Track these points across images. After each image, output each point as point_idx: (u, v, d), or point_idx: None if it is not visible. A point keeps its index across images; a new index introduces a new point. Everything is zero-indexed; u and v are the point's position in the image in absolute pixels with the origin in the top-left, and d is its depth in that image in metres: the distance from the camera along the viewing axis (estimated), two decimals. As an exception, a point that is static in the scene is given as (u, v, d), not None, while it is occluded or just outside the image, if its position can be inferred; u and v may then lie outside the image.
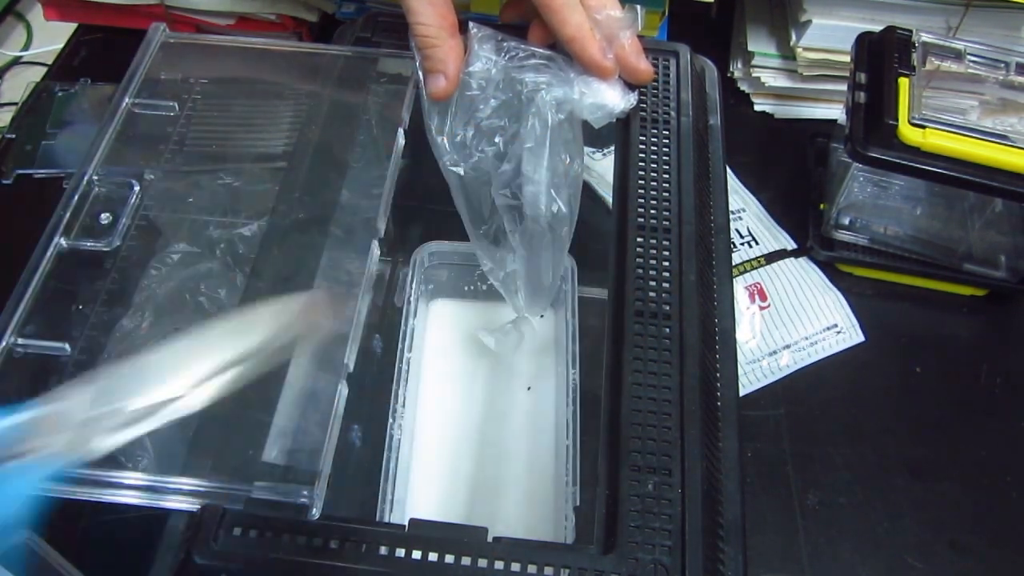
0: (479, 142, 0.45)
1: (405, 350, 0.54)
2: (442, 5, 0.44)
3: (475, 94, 0.44)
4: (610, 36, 0.45)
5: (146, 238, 0.44)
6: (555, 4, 0.43)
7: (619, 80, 0.46)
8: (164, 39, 0.50)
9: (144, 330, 0.42)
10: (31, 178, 0.67)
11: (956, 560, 0.52)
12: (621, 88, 0.46)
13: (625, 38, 0.45)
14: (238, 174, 0.47)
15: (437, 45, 0.43)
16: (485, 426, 0.55)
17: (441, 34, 0.43)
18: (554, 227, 0.47)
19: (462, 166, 0.45)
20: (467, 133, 0.45)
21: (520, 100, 0.44)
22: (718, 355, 0.42)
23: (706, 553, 0.34)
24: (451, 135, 0.45)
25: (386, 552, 0.34)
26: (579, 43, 0.44)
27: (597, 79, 0.45)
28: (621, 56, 0.45)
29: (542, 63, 0.44)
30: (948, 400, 0.59)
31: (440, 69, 0.43)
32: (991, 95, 0.59)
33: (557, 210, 0.46)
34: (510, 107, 0.44)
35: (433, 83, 0.44)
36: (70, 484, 0.36)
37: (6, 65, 1.40)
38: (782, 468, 0.55)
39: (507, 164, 0.45)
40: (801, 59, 0.70)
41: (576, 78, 0.44)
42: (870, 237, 0.64)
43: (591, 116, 0.45)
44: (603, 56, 0.44)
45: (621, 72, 0.46)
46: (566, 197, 0.46)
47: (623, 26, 0.45)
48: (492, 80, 0.44)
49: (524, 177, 0.45)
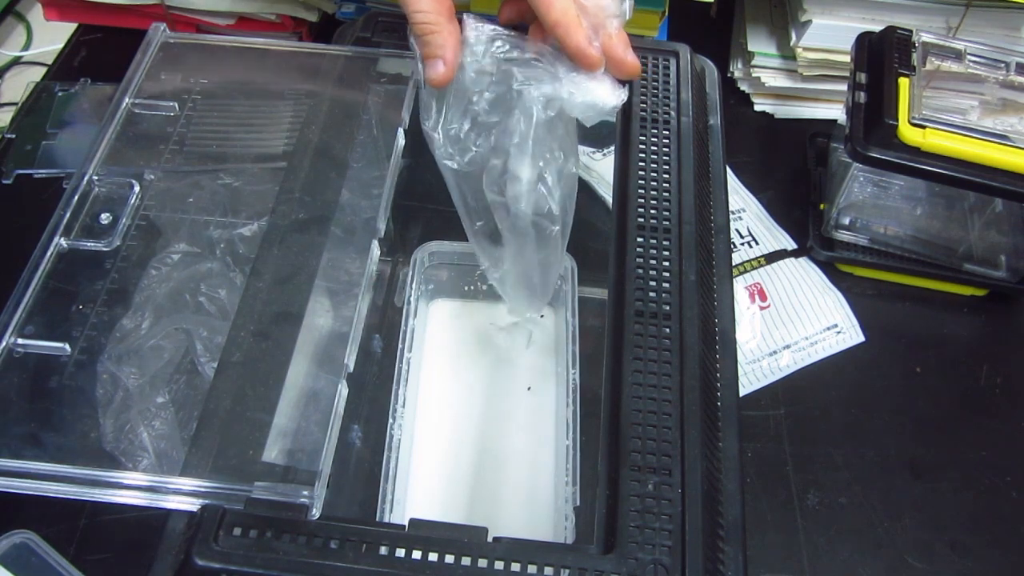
0: (474, 136, 0.44)
1: (405, 350, 0.54)
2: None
3: (469, 88, 0.44)
4: (597, 25, 0.43)
5: (146, 238, 0.44)
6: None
7: (608, 76, 0.44)
8: (164, 39, 0.50)
9: (144, 330, 0.42)
10: (31, 178, 0.67)
11: (956, 560, 0.52)
12: (611, 84, 0.44)
13: (612, 27, 0.44)
14: (238, 174, 0.47)
15: (435, 31, 0.43)
16: (485, 426, 0.55)
17: (439, 20, 0.43)
18: (542, 226, 0.46)
19: (456, 160, 0.44)
20: (462, 127, 0.44)
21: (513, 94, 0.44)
22: (718, 355, 0.42)
23: (706, 553, 0.34)
24: (445, 129, 0.44)
25: (386, 552, 0.34)
26: (563, 28, 0.42)
27: (586, 75, 0.43)
28: (607, 47, 0.44)
29: (532, 58, 0.43)
30: (948, 400, 0.59)
31: (439, 55, 0.43)
32: (991, 95, 0.59)
33: (548, 210, 0.45)
34: (504, 101, 0.44)
35: (432, 69, 0.43)
36: (70, 484, 0.35)
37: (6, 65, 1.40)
38: (782, 468, 0.55)
39: (496, 159, 0.44)
40: (801, 59, 0.70)
41: (565, 75, 0.43)
42: (870, 237, 0.64)
43: (581, 114, 0.44)
44: (588, 44, 0.43)
45: (607, 64, 0.44)
46: (559, 197, 0.45)
47: (610, 14, 0.43)
48: (486, 73, 0.44)
49: (510, 174, 0.44)
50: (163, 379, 0.42)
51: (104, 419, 0.39)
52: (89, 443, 0.38)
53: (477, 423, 0.55)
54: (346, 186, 0.45)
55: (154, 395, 0.41)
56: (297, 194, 0.44)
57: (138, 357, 0.41)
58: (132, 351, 0.41)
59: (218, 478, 0.35)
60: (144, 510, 0.36)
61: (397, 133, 0.47)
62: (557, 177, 0.45)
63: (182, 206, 0.46)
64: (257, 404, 0.37)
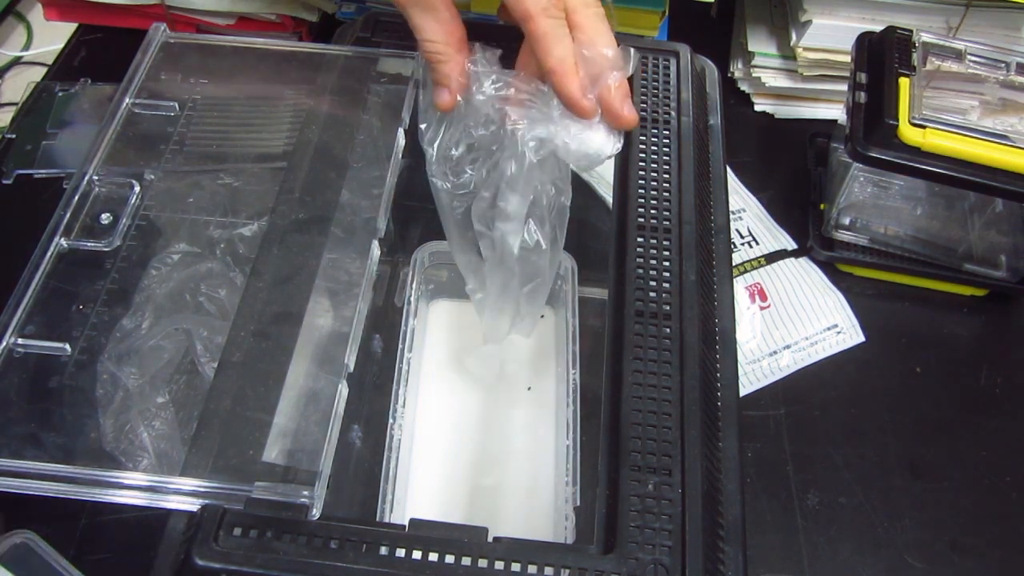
0: (467, 161, 0.45)
1: (405, 350, 0.54)
2: (448, 21, 0.43)
3: (467, 116, 0.44)
4: (596, 75, 0.42)
5: (146, 238, 0.44)
6: (539, 32, 0.42)
7: (604, 123, 0.44)
8: (164, 39, 0.50)
9: (144, 330, 0.42)
10: (31, 178, 0.67)
11: (956, 560, 0.52)
12: (606, 132, 0.44)
13: (613, 80, 0.43)
14: (238, 174, 0.47)
15: (443, 61, 0.43)
16: (485, 426, 0.55)
17: (448, 50, 0.43)
18: (529, 260, 0.46)
19: (449, 180, 0.45)
20: (457, 149, 0.45)
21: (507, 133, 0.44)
22: (718, 355, 0.42)
23: (706, 553, 0.34)
24: (441, 147, 0.45)
25: (386, 552, 0.34)
26: (559, 77, 0.42)
27: (580, 121, 0.43)
28: (604, 99, 0.43)
29: (529, 98, 0.43)
30: (948, 400, 0.59)
31: (445, 84, 0.44)
32: (991, 95, 0.59)
33: (536, 243, 0.46)
34: (498, 138, 0.44)
35: (438, 95, 0.44)
36: (70, 484, 0.35)
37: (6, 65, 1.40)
38: (782, 468, 0.55)
39: (486, 192, 0.45)
40: (801, 59, 0.70)
41: (559, 120, 0.43)
42: (870, 237, 0.64)
43: (575, 163, 0.44)
44: (582, 95, 0.42)
45: (604, 115, 0.43)
46: (548, 229, 0.45)
47: (612, 66, 0.42)
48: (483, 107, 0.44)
49: (499, 210, 0.45)
50: (163, 379, 0.42)
51: (104, 419, 0.39)
52: (89, 443, 0.38)
53: (477, 423, 0.55)
54: (346, 186, 0.45)
55: (154, 395, 0.41)
56: (297, 194, 0.44)
57: (138, 357, 0.41)
58: (132, 351, 0.41)
59: (218, 478, 0.35)
60: (144, 510, 0.36)
61: (397, 133, 0.47)
62: (547, 211, 0.45)
63: (182, 206, 0.46)
64: (257, 404, 0.37)
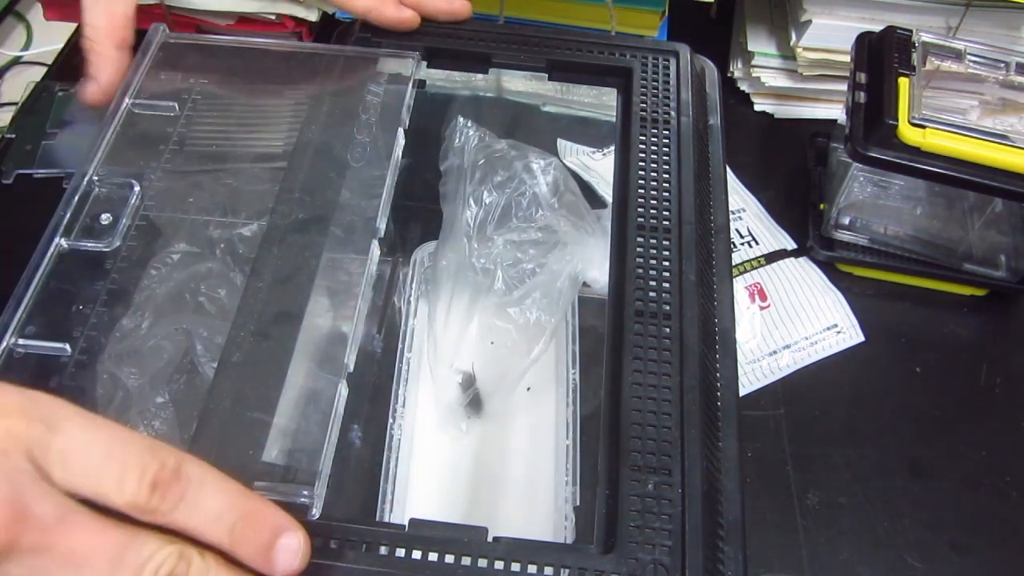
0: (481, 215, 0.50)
1: (405, 350, 0.54)
2: (119, 16, 0.44)
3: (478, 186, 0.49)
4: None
5: (146, 238, 0.44)
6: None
7: (600, 250, 0.48)
8: (164, 39, 0.50)
9: (144, 330, 0.42)
10: (31, 178, 0.66)
11: (956, 560, 0.52)
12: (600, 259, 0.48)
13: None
14: (238, 174, 0.47)
15: (97, 51, 0.43)
16: (485, 426, 0.55)
17: (105, 43, 0.44)
18: None
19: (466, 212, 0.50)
20: (475, 209, 0.50)
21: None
22: (718, 355, 0.42)
23: (706, 553, 0.34)
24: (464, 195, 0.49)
25: (386, 552, 0.34)
26: (375, 14, 0.48)
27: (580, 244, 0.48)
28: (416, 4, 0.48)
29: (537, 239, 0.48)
30: (948, 400, 0.59)
31: (94, 75, 0.44)
32: (991, 95, 0.59)
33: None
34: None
35: (84, 86, 0.44)
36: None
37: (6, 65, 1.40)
38: (782, 468, 0.55)
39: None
40: (801, 59, 0.70)
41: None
42: (870, 237, 0.64)
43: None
44: (399, 12, 0.48)
45: (424, 16, 0.49)
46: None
47: None
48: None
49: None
50: (163, 379, 0.42)
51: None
52: (89, 443, 0.38)
53: (477, 423, 0.55)
54: (346, 186, 0.45)
55: (154, 395, 0.41)
56: (297, 194, 0.44)
57: (138, 357, 0.41)
58: (132, 351, 0.41)
59: (218, 478, 0.35)
60: (144, 510, 0.35)
61: (397, 133, 0.46)
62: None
63: (182, 206, 0.46)
64: (257, 404, 0.37)
